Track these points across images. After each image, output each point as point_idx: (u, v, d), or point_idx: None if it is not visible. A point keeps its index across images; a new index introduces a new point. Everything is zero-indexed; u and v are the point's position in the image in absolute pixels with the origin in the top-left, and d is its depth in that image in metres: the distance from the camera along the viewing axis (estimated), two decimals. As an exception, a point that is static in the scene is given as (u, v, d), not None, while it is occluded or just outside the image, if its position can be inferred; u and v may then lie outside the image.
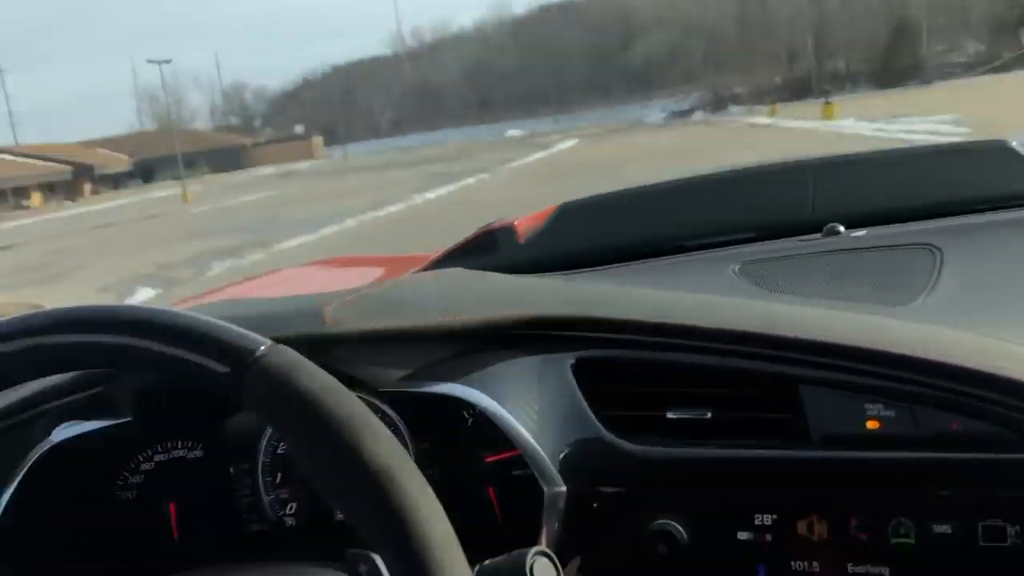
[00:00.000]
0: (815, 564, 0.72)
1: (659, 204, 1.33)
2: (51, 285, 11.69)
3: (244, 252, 11.80)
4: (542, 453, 0.76)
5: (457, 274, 1.06)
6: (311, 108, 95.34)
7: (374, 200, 18.23)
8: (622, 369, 0.80)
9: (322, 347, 0.76)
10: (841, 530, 0.72)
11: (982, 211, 1.16)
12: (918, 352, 0.69)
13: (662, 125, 51.15)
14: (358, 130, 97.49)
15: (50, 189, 55.41)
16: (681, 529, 0.74)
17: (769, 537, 0.73)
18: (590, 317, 0.81)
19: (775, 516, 0.73)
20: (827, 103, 27.51)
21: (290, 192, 30.03)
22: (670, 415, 0.78)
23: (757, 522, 0.74)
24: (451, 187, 20.30)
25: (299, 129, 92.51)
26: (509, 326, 0.82)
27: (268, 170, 63.71)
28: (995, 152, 1.23)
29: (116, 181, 68.15)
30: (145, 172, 68.67)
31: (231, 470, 0.86)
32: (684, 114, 62.25)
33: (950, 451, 0.69)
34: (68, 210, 40.68)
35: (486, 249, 1.31)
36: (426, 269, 1.30)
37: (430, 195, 18.49)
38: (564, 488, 0.76)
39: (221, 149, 76.41)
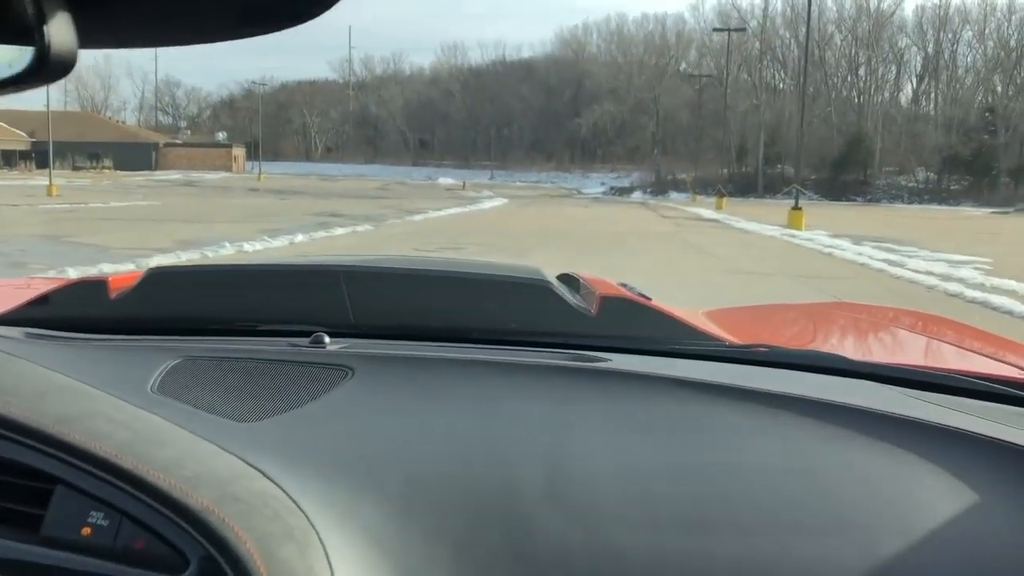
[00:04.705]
0: None
1: (234, 284, 1.34)
2: None
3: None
4: None
5: None
6: (245, 118, 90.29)
7: (233, 233, 14.59)
8: None
9: None
10: None
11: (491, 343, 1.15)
12: (127, 464, 0.69)
13: (598, 199, 48.58)
14: (289, 149, 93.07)
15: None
16: None
17: None
18: None
19: None
20: (796, 208, 22.36)
21: (164, 204, 26.22)
22: None
23: None
24: (339, 231, 16.97)
25: (221, 136, 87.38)
26: None
27: (174, 175, 59.28)
28: (533, 288, 1.24)
29: (8, 159, 62.80)
30: (40, 155, 63.43)
31: None
32: (623, 191, 60.13)
33: (136, 567, 0.69)
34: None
35: (77, 300, 1.30)
36: (22, 307, 1.26)
37: (305, 238, 14.91)
38: None
39: (133, 144, 71.02)
